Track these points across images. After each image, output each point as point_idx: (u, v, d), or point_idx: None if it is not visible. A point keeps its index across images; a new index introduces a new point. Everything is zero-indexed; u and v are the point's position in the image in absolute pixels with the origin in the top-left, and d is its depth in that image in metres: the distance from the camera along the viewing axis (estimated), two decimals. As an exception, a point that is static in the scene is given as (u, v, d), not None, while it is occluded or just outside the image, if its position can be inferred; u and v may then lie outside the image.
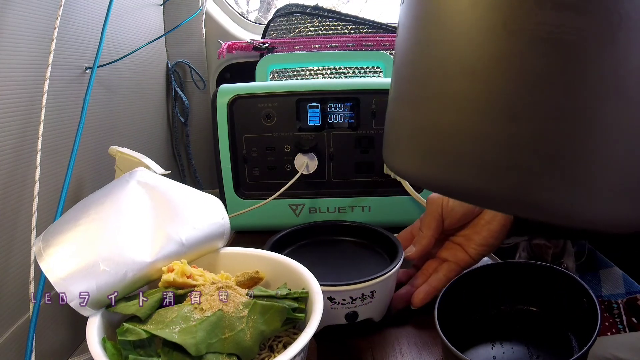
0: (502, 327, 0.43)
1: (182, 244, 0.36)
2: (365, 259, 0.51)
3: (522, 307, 0.44)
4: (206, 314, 0.30)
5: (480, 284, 0.44)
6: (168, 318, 0.30)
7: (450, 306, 0.41)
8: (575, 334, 0.40)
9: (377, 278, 0.43)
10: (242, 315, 0.31)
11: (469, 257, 0.49)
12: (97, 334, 0.30)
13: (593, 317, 0.36)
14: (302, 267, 0.38)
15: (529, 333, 0.42)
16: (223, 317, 0.30)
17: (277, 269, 0.39)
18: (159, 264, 0.34)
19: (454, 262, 0.50)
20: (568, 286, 0.41)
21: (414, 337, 0.46)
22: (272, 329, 0.32)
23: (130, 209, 0.35)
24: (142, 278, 0.34)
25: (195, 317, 0.30)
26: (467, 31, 0.18)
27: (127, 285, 0.33)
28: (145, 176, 0.38)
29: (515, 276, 0.44)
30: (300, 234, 0.55)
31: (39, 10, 0.52)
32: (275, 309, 0.32)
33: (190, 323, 0.29)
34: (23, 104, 0.50)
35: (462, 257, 0.50)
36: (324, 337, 0.42)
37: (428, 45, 0.20)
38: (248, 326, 0.31)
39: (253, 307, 0.31)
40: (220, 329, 0.30)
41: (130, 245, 0.33)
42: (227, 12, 1.08)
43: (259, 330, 0.31)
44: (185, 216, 0.37)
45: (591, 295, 0.37)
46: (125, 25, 0.76)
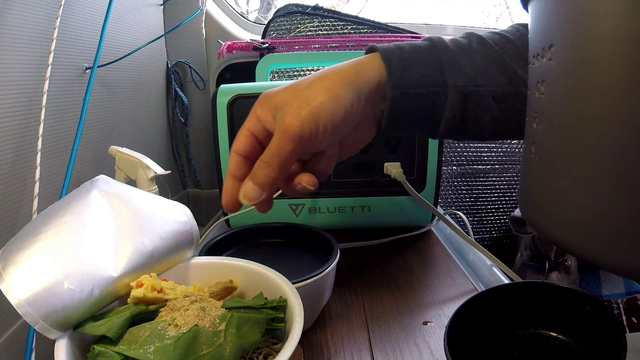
0: (516, 353, 0.41)
1: (149, 256, 0.34)
2: (302, 261, 0.50)
3: (538, 331, 0.42)
4: (181, 330, 0.29)
5: (492, 307, 0.41)
6: (141, 337, 0.29)
7: (459, 330, 0.38)
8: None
9: None
10: (219, 329, 0.29)
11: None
12: (66, 359, 0.28)
13: (617, 343, 0.33)
14: (278, 274, 0.36)
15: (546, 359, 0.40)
16: (199, 332, 0.29)
17: (251, 278, 0.37)
18: (126, 278, 0.32)
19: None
20: (590, 310, 0.38)
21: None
22: (252, 342, 0.30)
23: (93, 221, 0.32)
24: (110, 294, 0.32)
25: (170, 334, 0.28)
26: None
27: (95, 303, 0.31)
28: (107, 185, 0.36)
29: (530, 298, 0.41)
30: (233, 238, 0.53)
31: (39, 10, 0.52)
32: (254, 321, 0.31)
33: (166, 341, 0.28)
34: (23, 104, 0.50)
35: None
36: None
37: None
38: (226, 340, 0.29)
39: (230, 320, 0.30)
40: (198, 345, 0.28)
41: (95, 259, 0.31)
42: (227, 12, 1.08)
43: (238, 344, 0.29)
44: (151, 226, 0.35)
45: (614, 318, 0.35)
46: (125, 25, 0.76)
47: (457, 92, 0.38)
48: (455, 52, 0.38)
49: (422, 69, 0.37)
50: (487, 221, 1.38)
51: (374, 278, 0.57)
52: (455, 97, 0.38)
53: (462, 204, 1.35)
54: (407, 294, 0.53)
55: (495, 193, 1.36)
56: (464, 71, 0.38)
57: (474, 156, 1.32)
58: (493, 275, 0.56)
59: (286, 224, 0.55)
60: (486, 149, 1.32)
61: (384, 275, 0.58)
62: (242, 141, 0.35)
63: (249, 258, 0.39)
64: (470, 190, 1.35)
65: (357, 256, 0.63)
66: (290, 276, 0.42)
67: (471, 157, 1.32)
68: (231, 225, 0.70)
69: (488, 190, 1.36)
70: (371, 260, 0.62)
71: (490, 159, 1.33)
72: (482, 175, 1.34)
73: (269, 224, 0.55)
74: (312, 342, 0.45)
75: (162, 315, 0.31)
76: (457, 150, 1.31)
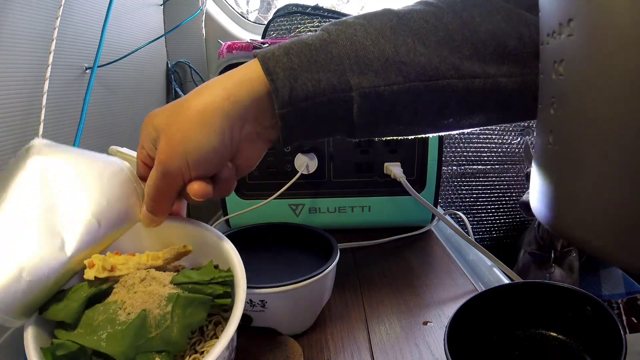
0: (515, 353, 0.40)
1: (97, 227, 0.33)
2: (302, 261, 0.49)
3: (538, 331, 0.41)
4: (130, 316, 0.30)
5: (492, 307, 0.41)
6: (95, 321, 0.30)
7: (460, 330, 0.38)
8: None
9: (265, 288, 0.41)
10: (166, 311, 0.31)
11: None
12: (34, 346, 0.30)
13: (617, 344, 0.33)
14: (227, 241, 0.36)
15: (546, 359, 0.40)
16: (147, 317, 0.30)
17: (203, 242, 0.37)
18: (79, 255, 0.32)
19: None
20: (590, 309, 0.38)
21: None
22: (198, 320, 0.32)
23: (34, 202, 0.31)
24: (65, 274, 0.32)
25: (121, 319, 0.30)
26: None
27: (52, 286, 0.31)
28: (40, 152, 0.34)
29: (530, 298, 0.41)
30: (233, 238, 0.52)
31: (39, 10, 0.52)
32: (199, 301, 0.32)
33: (117, 327, 0.30)
34: (23, 104, 0.50)
35: None
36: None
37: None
38: (174, 322, 0.31)
39: (177, 301, 0.31)
40: (146, 329, 0.30)
41: (46, 244, 0.31)
42: (227, 12, 1.08)
43: (185, 323, 0.31)
44: (95, 193, 0.34)
45: (614, 319, 0.35)
46: (125, 25, 0.76)
47: (363, 95, 0.32)
48: (360, 43, 0.32)
49: (317, 73, 0.31)
50: (487, 221, 1.38)
51: (374, 278, 0.57)
52: (362, 99, 0.32)
53: (462, 204, 1.35)
54: (407, 294, 0.53)
55: (495, 193, 1.36)
56: (373, 67, 0.32)
57: (474, 156, 1.32)
58: (493, 275, 0.56)
59: (286, 224, 0.55)
60: (486, 149, 1.32)
61: (384, 275, 0.58)
62: (138, 168, 0.36)
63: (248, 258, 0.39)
64: (470, 190, 1.35)
65: (357, 256, 0.63)
66: (291, 276, 0.43)
67: (471, 157, 1.32)
68: (231, 225, 0.70)
69: (488, 190, 1.36)
70: (371, 260, 0.62)
71: (490, 159, 1.33)
72: (482, 175, 1.34)
73: (269, 224, 0.55)
74: (312, 342, 0.45)
75: (116, 292, 0.32)
76: (457, 150, 1.31)
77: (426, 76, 0.33)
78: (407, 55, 0.32)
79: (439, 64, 0.33)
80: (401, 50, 0.32)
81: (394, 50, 0.32)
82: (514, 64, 0.34)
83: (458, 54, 0.33)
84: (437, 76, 0.33)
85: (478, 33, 0.33)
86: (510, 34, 0.34)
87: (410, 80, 0.33)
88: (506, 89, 0.34)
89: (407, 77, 0.32)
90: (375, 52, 0.32)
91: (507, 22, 0.34)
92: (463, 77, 0.33)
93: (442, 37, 0.33)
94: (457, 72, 0.33)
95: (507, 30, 0.34)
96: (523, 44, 0.34)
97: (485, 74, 0.34)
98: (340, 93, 0.32)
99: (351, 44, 0.32)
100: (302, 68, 0.32)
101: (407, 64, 0.32)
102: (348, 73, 0.32)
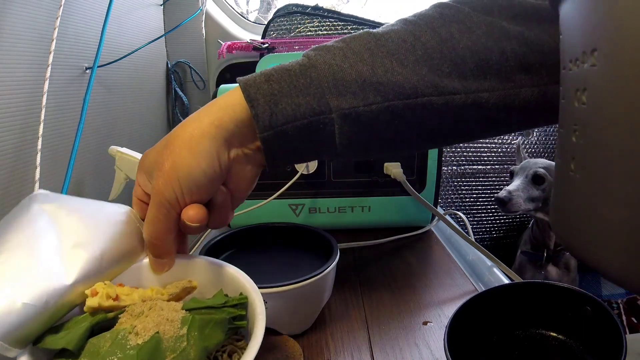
0: (516, 353, 0.41)
1: (100, 259, 0.33)
2: (302, 261, 0.49)
3: (538, 331, 0.41)
4: (143, 339, 0.28)
5: (492, 307, 0.41)
6: (102, 348, 0.28)
7: (459, 330, 0.38)
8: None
9: (265, 288, 0.40)
10: (181, 333, 0.29)
11: None
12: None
13: (617, 344, 0.33)
14: (237, 269, 0.35)
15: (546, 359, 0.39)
16: (161, 339, 0.28)
17: (210, 275, 0.37)
18: (80, 286, 0.31)
19: None
20: (590, 309, 0.38)
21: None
22: (216, 343, 0.30)
23: (37, 235, 0.31)
24: (65, 304, 0.31)
25: (132, 343, 0.28)
26: None
27: (51, 315, 0.30)
28: (46, 197, 0.35)
29: (530, 298, 0.41)
30: (233, 238, 0.52)
31: (39, 10, 0.52)
32: (215, 322, 0.30)
33: (128, 352, 0.27)
34: (23, 104, 0.50)
35: None
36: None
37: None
38: (190, 344, 0.29)
39: (192, 323, 0.30)
40: (161, 352, 0.28)
41: (46, 271, 0.30)
42: (227, 12, 1.09)
43: (202, 346, 0.29)
44: (98, 231, 0.34)
45: (614, 319, 0.35)
46: (125, 25, 0.76)
47: (342, 115, 0.33)
48: (338, 66, 0.33)
49: (297, 97, 0.32)
50: (487, 221, 1.38)
51: (374, 278, 0.57)
52: (342, 120, 0.33)
53: (462, 204, 1.35)
54: (407, 294, 0.53)
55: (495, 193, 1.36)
56: (351, 89, 0.33)
57: (474, 156, 1.32)
58: (493, 275, 0.56)
59: (286, 224, 0.55)
60: (486, 149, 1.32)
61: (384, 275, 0.58)
62: (136, 209, 0.36)
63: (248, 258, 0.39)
64: (470, 190, 1.35)
65: (357, 256, 0.63)
66: (291, 276, 0.43)
67: (471, 157, 1.32)
68: (231, 225, 0.70)
69: (488, 190, 1.36)
70: (371, 260, 0.62)
71: (490, 159, 1.33)
72: (482, 175, 1.34)
73: (269, 224, 0.55)
74: (312, 342, 0.45)
75: (122, 322, 0.30)
76: (457, 150, 1.31)
77: (404, 95, 0.33)
78: (384, 76, 0.33)
79: (417, 82, 0.33)
80: (378, 71, 0.33)
81: (371, 71, 0.33)
82: (496, 78, 0.34)
83: (437, 71, 0.34)
84: (415, 94, 0.33)
85: (457, 50, 0.34)
86: (492, 49, 0.34)
87: (388, 100, 0.33)
88: (488, 103, 0.35)
89: (386, 97, 0.33)
90: (353, 74, 0.33)
91: (488, 37, 0.34)
92: (442, 94, 0.34)
93: (420, 56, 0.34)
94: (436, 89, 0.33)
95: (488, 45, 0.34)
96: (505, 57, 0.34)
97: (466, 90, 0.34)
98: (320, 115, 0.33)
99: (329, 68, 0.33)
100: (282, 93, 0.32)
101: (385, 84, 0.33)
102: (327, 96, 0.33)
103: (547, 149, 1.34)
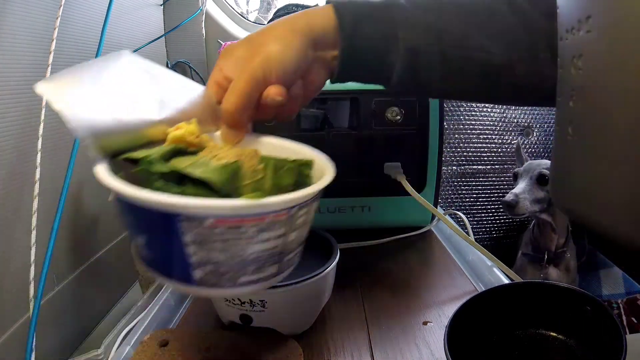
0: (516, 353, 0.41)
1: (185, 114, 0.36)
2: (302, 261, 0.49)
3: (538, 331, 0.41)
4: (224, 161, 0.30)
5: (492, 307, 0.41)
6: (184, 164, 0.29)
7: (460, 330, 0.38)
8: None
9: (265, 289, 0.40)
10: (259, 168, 0.31)
11: None
12: (108, 173, 0.28)
13: (617, 344, 0.32)
14: (303, 144, 0.38)
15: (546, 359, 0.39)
16: (240, 167, 0.30)
17: (276, 149, 0.38)
18: (166, 124, 0.33)
19: None
20: (590, 309, 0.38)
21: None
22: (286, 184, 0.32)
23: (132, 78, 0.34)
24: (148, 134, 0.33)
25: (214, 164, 0.30)
26: None
27: (136, 137, 0.32)
28: (134, 57, 0.37)
29: (530, 298, 0.41)
30: None
31: (39, 10, 0.52)
32: (289, 167, 0.33)
33: (212, 166, 0.29)
34: (23, 104, 0.50)
35: None
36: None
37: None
38: (267, 176, 0.31)
39: (268, 162, 0.32)
40: (240, 177, 0.30)
41: (140, 103, 0.33)
42: (227, 12, 1.09)
43: (275, 183, 0.31)
44: (182, 96, 0.37)
45: (614, 319, 0.35)
46: (125, 25, 0.76)
47: (407, 47, 0.40)
48: (410, 10, 0.41)
49: (374, 23, 0.40)
50: (487, 221, 1.38)
51: (374, 278, 0.57)
52: (406, 51, 0.40)
53: (462, 204, 1.35)
54: (407, 294, 0.53)
55: (495, 193, 1.36)
56: (416, 30, 0.40)
57: (474, 156, 1.32)
58: (493, 276, 0.56)
59: None
60: (486, 149, 1.32)
61: (384, 275, 0.58)
62: (210, 90, 0.39)
63: None
64: (470, 190, 1.35)
65: (357, 256, 0.63)
66: (290, 276, 0.42)
67: (471, 157, 1.32)
68: (231, 225, 0.70)
69: (488, 190, 1.36)
70: (371, 260, 0.62)
71: (490, 159, 1.33)
72: (482, 175, 1.34)
73: None
74: (312, 342, 0.45)
75: (203, 154, 0.32)
76: (457, 150, 1.31)
77: (458, 46, 0.41)
78: (447, 28, 0.41)
79: (469, 40, 0.41)
80: (442, 22, 0.41)
81: (437, 21, 0.41)
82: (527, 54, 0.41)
83: (484, 35, 0.41)
84: (467, 47, 0.41)
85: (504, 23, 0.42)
86: (523, 39, 0.41)
87: (445, 45, 0.41)
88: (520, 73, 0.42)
89: (443, 42, 0.40)
90: (421, 20, 0.40)
91: (524, 30, 0.42)
92: (487, 52, 0.41)
93: (479, 21, 0.41)
94: (482, 48, 0.41)
95: (521, 37, 0.42)
96: (535, 45, 0.41)
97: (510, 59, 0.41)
98: (389, 42, 0.40)
99: (404, 11, 0.41)
100: (362, 16, 0.40)
101: (446, 32, 0.41)
102: (398, 30, 0.40)
103: (547, 149, 1.34)
